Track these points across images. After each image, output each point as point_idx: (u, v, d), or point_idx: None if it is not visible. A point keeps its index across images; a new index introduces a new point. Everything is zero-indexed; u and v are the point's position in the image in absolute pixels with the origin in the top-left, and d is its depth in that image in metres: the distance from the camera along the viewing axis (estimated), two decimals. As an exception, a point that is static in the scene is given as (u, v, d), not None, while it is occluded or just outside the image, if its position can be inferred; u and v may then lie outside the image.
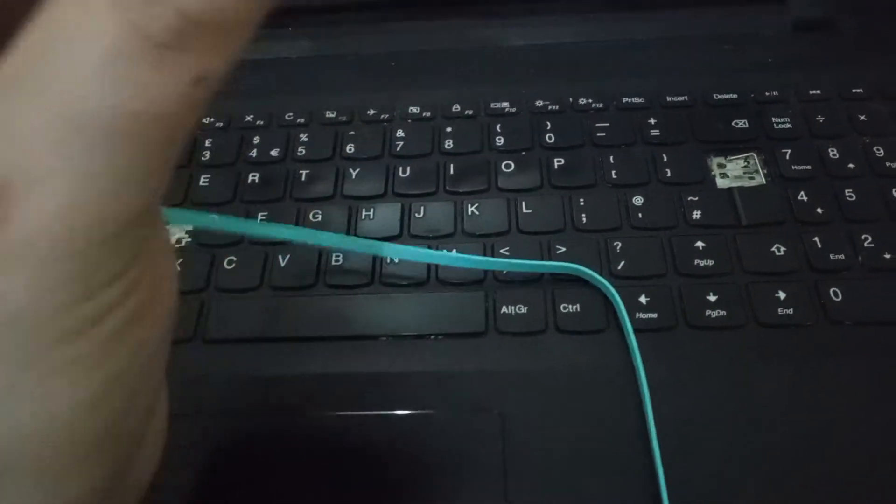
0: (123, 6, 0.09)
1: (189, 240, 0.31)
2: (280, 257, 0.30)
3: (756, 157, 0.32)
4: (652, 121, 0.34)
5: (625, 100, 0.35)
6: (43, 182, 0.10)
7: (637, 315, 0.27)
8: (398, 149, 0.34)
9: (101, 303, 0.11)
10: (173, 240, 0.31)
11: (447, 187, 0.32)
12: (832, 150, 0.32)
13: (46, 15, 0.10)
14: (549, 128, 0.34)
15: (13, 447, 0.11)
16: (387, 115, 0.35)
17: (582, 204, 0.31)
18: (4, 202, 0.10)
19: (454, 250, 0.29)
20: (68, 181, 0.10)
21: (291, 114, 0.35)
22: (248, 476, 0.25)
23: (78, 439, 0.12)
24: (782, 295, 0.27)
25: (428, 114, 0.35)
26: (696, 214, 0.30)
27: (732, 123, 0.33)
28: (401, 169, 0.33)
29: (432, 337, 0.28)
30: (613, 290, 0.27)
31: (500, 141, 0.34)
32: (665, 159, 0.32)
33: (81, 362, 0.11)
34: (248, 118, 0.35)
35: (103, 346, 0.12)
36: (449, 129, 0.34)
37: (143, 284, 0.12)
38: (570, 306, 0.28)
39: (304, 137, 0.34)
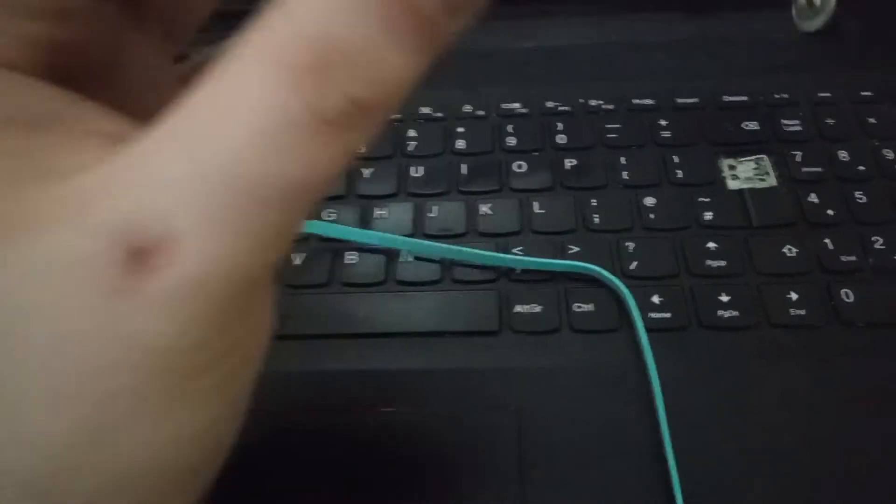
0: (298, 83, 0.10)
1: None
2: (295, 256, 0.30)
3: (767, 159, 0.32)
4: (663, 122, 0.34)
5: (636, 101, 0.35)
6: (195, 236, 0.10)
7: (650, 315, 0.28)
8: (410, 149, 0.34)
9: (227, 344, 0.12)
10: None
11: (460, 187, 0.32)
12: (842, 153, 0.32)
13: (217, 78, 0.10)
14: (560, 129, 0.34)
15: (122, 472, 0.12)
16: (399, 116, 0.35)
17: (594, 204, 0.31)
18: (159, 252, 0.10)
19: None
20: (218, 238, 0.10)
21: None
22: (259, 472, 0.25)
23: (174, 473, 0.12)
24: (794, 296, 0.28)
25: (440, 114, 0.35)
26: (708, 215, 0.30)
27: (743, 125, 0.33)
28: (413, 168, 0.33)
29: (446, 335, 0.28)
30: (626, 290, 0.27)
31: (511, 141, 0.34)
32: (676, 161, 0.32)
33: (200, 398, 0.12)
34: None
35: (220, 384, 0.12)
36: (461, 130, 0.34)
37: (258, 328, 0.13)
38: (584, 306, 0.28)
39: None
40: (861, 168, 0.31)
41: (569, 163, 0.33)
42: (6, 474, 0.10)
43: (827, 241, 0.29)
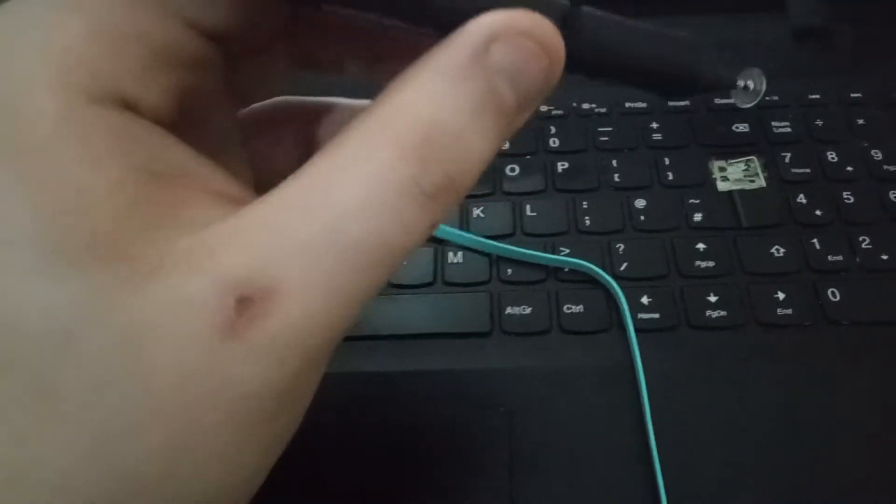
0: (407, 160, 0.12)
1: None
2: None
3: (756, 161, 0.33)
4: (654, 125, 0.34)
5: (628, 104, 0.35)
6: (301, 290, 0.11)
7: (639, 315, 0.28)
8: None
9: (300, 395, 0.13)
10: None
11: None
12: (831, 154, 0.32)
13: (333, 152, 0.12)
14: (553, 132, 0.34)
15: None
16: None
17: (585, 207, 0.31)
18: (264, 302, 0.11)
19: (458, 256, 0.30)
20: (323, 292, 0.12)
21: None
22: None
23: (241, 499, 0.13)
24: (781, 295, 0.28)
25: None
26: (698, 217, 0.31)
27: (733, 128, 0.34)
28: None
29: (438, 337, 0.28)
30: (616, 287, 0.28)
31: (505, 145, 0.34)
32: (667, 163, 0.33)
33: (265, 444, 0.13)
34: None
35: (281, 433, 0.13)
36: (455, 134, 0.35)
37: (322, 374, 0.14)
38: (574, 307, 0.28)
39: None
40: (849, 169, 0.32)
41: (561, 166, 0.33)
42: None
43: (815, 241, 0.29)
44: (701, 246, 0.30)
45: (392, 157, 0.12)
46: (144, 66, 0.12)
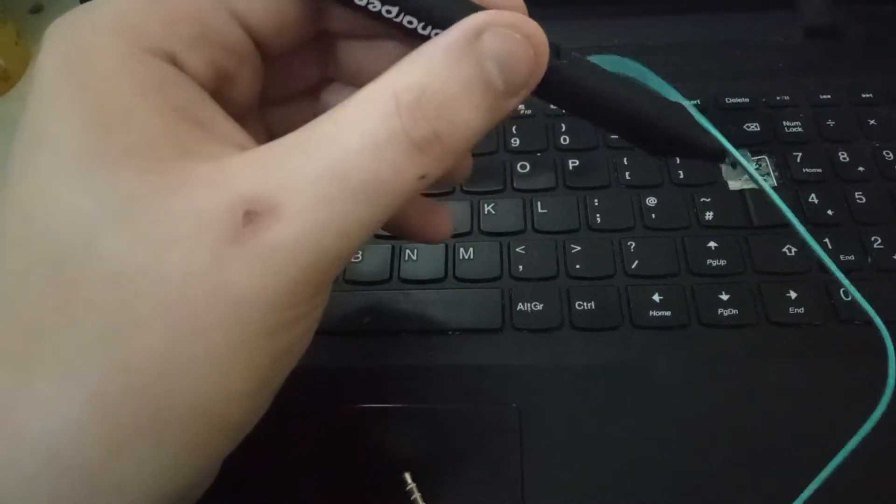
0: (400, 114, 0.14)
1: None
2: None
3: (767, 160, 0.32)
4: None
5: (638, 103, 0.35)
6: (298, 210, 0.13)
7: (650, 313, 0.28)
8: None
9: (298, 314, 0.14)
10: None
11: (464, 187, 0.33)
12: (842, 154, 0.32)
13: (342, 106, 0.14)
14: (563, 129, 0.34)
15: (183, 412, 0.13)
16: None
17: (596, 204, 0.31)
18: (268, 216, 0.13)
19: (468, 253, 0.30)
20: (319, 214, 0.13)
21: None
22: (260, 467, 0.25)
23: (220, 424, 0.14)
24: (793, 294, 0.28)
25: (445, 115, 0.36)
26: (709, 215, 0.31)
27: (744, 127, 0.34)
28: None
29: (449, 332, 0.28)
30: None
31: (515, 142, 0.34)
32: (678, 161, 0.33)
33: (264, 359, 0.14)
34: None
35: (280, 354, 0.15)
36: (465, 131, 0.35)
37: (322, 307, 0.16)
38: (585, 304, 0.28)
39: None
40: (861, 169, 0.32)
41: (572, 163, 0.33)
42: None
43: (826, 240, 0.29)
44: (712, 244, 0.30)
45: (388, 111, 0.14)
46: (192, 38, 0.15)
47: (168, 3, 0.15)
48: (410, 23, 0.15)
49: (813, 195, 0.31)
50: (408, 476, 0.24)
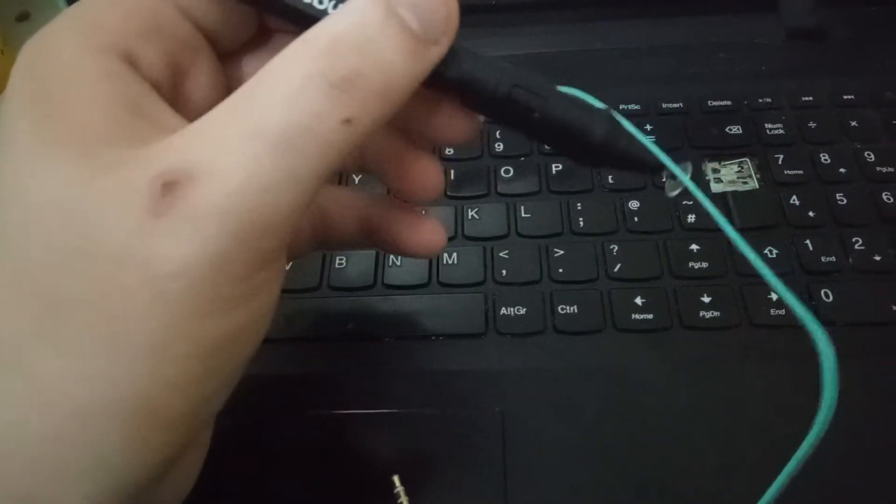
0: (315, 59, 0.14)
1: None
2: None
3: (750, 163, 0.33)
4: (648, 127, 0.34)
5: (622, 106, 0.35)
6: (219, 172, 0.13)
7: (633, 316, 0.28)
8: (400, 155, 0.34)
9: (233, 293, 0.14)
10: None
11: (448, 192, 0.33)
12: (824, 156, 0.33)
13: (263, 68, 0.14)
14: (547, 134, 0.35)
15: (117, 400, 0.13)
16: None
17: (579, 208, 0.32)
18: (187, 184, 0.13)
19: (452, 258, 0.30)
20: (239, 173, 0.13)
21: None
22: (244, 473, 0.25)
23: (160, 415, 0.14)
24: (775, 296, 0.28)
25: (429, 121, 0.36)
26: (691, 218, 0.31)
27: (727, 129, 0.34)
28: (403, 174, 0.34)
29: (433, 338, 0.28)
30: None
31: (499, 147, 0.34)
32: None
33: (209, 343, 0.14)
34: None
35: (228, 336, 0.14)
36: (450, 136, 0.35)
37: (274, 290, 0.15)
38: (568, 308, 0.28)
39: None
40: (842, 170, 0.32)
41: (555, 168, 0.33)
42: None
43: (808, 242, 0.30)
44: (694, 247, 0.30)
45: (304, 58, 0.14)
46: (145, 31, 0.16)
47: (123, 3, 0.16)
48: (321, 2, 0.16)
49: (794, 197, 0.31)
50: (396, 479, 0.24)
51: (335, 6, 0.15)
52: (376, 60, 0.14)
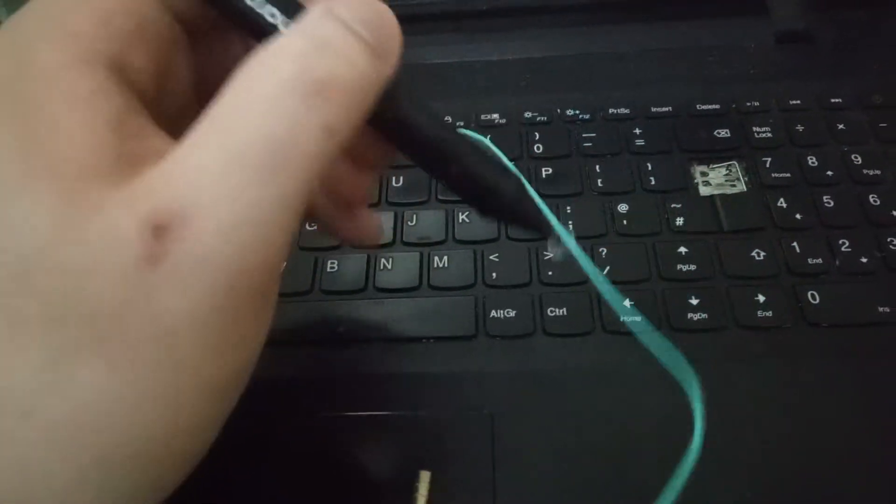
0: (291, 66, 0.13)
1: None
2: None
3: (738, 166, 0.33)
4: (637, 131, 0.35)
5: (611, 110, 0.36)
6: (208, 209, 0.12)
7: (621, 318, 0.28)
8: (391, 159, 0.35)
9: (252, 323, 0.14)
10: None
11: (439, 196, 0.33)
12: (811, 159, 0.33)
13: (234, 79, 0.14)
14: (537, 138, 0.35)
15: (127, 450, 0.13)
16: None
17: (569, 211, 0.32)
18: (179, 227, 0.12)
19: (443, 261, 0.30)
20: (230, 207, 0.13)
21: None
22: (235, 477, 0.25)
23: (170, 458, 0.14)
24: (762, 298, 0.28)
25: (420, 125, 0.36)
26: (680, 221, 0.31)
27: (715, 133, 0.34)
28: (394, 178, 0.34)
29: (423, 340, 0.29)
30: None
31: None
32: (650, 168, 0.33)
33: (217, 386, 0.14)
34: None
35: (234, 373, 0.14)
36: (441, 140, 0.35)
37: (271, 315, 0.15)
38: (557, 310, 0.29)
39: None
40: (830, 173, 0.32)
41: (545, 171, 0.34)
42: None
43: (795, 244, 0.30)
44: (682, 250, 0.30)
45: (275, 67, 0.13)
46: (131, 35, 0.15)
47: (100, 2, 0.15)
48: (273, 16, 0.15)
49: (782, 199, 0.31)
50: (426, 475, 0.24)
51: (285, 23, 0.15)
52: (346, 62, 0.14)
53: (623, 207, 0.32)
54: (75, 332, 0.12)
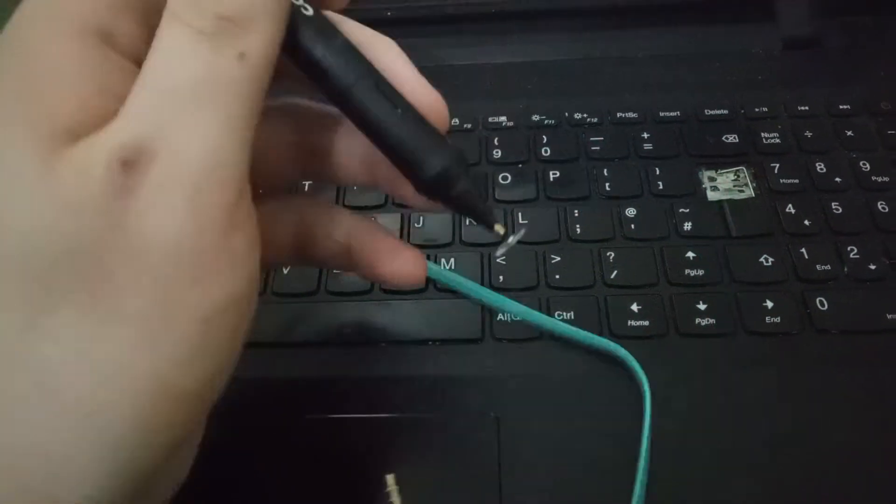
0: (179, 17, 0.14)
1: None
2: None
3: (746, 171, 0.33)
4: (645, 135, 0.35)
5: (619, 115, 0.36)
6: (175, 144, 0.14)
7: (629, 322, 0.28)
8: (399, 161, 0.35)
9: (231, 248, 0.15)
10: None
11: (446, 198, 0.33)
12: (819, 165, 0.33)
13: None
14: (545, 141, 0.35)
15: (133, 374, 0.14)
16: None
17: (576, 215, 0.32)
18: (149, 161, 0.14)
19: (450, 263, 0.30)
20: (194, 140, 0.14)
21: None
22: (241, 477, 0.25)
23: (182, 385, 0.14)
24: (770, 304, 0.28)
25: (428, 127, 0.36)
26: (687, 226, 0.31)
27: (723, 138, 0.34)
28: (401, 180, 0.34)
29: (430, 343, 0.28)
30: (644, 379, 0.26)
31: (497, 154, 0.35)
32: (657, 172, 0.33)
33: (196, 316, 0.14)
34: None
35: (215, 305, 0.14)
36: (448, 143, 0.35)
37: (254, 255, 0.16)
38: (564, 313, 0.29)
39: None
40: (838, 179, 0.32)
41: (553, 175, 0.34)
42: None
43: (803, 250, 0.30)
44: (690, 255, 0.30)
45: (172, 21, 0.15)
46: (121, 6, 0.16)
47: None
48: None
49: (790, 205, 0.31)
50: (390, 479, 0.24)
51: None
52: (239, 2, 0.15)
53: (631, 212, 0.32)
54: (58, 271, 0.13)
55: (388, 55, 0.18)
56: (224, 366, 0.16)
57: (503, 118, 0.36)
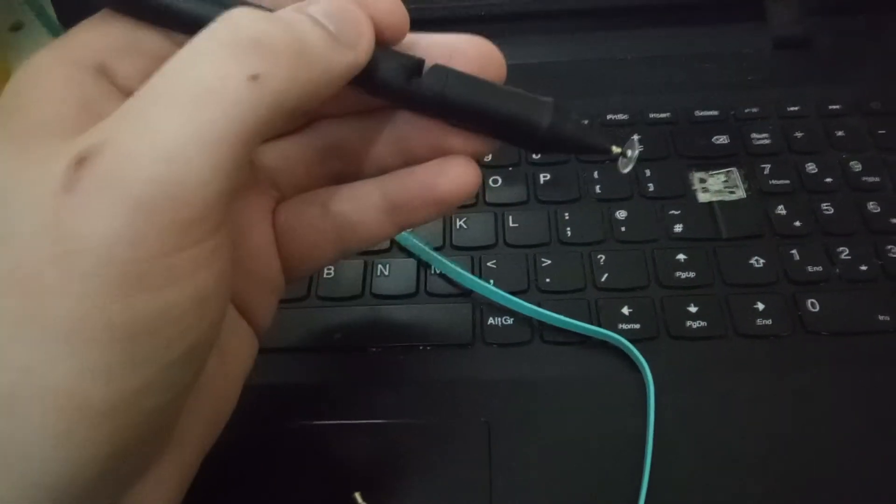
0: (222, 31, 0.14)
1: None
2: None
3: (736, 172, 0.33)
4: (635, 137, 0.34)
5: (609, 116, 0.36)
6: (125, 138, 0.13)
7: (620, 326, 0.28)
8: (389, 165, 0.34)
9: (175, 264, 0.14)
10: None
11: (436, 202, 0.33)
12: (810, 166, 0.33)
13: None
14: (535, 144, 0.35)
15: (34, 389, 0.13)
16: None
17: (567, 218, 0.32)
18: (97, 154, 0.13)
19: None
20: (145, 136, 0.13)
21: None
22: (230, 484, 0.25)
23: (80, 405, 0.13)
24: (761, 306, 0.28)
25: (418, 130, 0.36)
26: (678, 228, 0.31)
27: (713, 139, 0.34)
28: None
29: (420, 347, 0.28)
30: (646, 364, 0.27)
31: (487, 157, 0.34)
32: (648, 174, 0.33)
33: (133, 327, 0.13)
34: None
35: (165, 312, 0.14)
36: (438, 146, 0.35)
37: (209, 274, 0.15)
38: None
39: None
40: (828, 180, 0.32)
41: (543, 177, 0.33)
42: None
43: (794, 251, 0.30)
44: (681, 257, 0.30)
45: (216, 28, 0.15)
46: (123, 49, 0.17)
47: (107, 21, 0.17)
48: None
49: (781, 206, 0.31)
50: (358, 496, 0.24)
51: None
52: (288, 29, 0.15)
53: (621, 214, 0.32)
54: None
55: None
56: (159, 383, 0.14)
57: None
